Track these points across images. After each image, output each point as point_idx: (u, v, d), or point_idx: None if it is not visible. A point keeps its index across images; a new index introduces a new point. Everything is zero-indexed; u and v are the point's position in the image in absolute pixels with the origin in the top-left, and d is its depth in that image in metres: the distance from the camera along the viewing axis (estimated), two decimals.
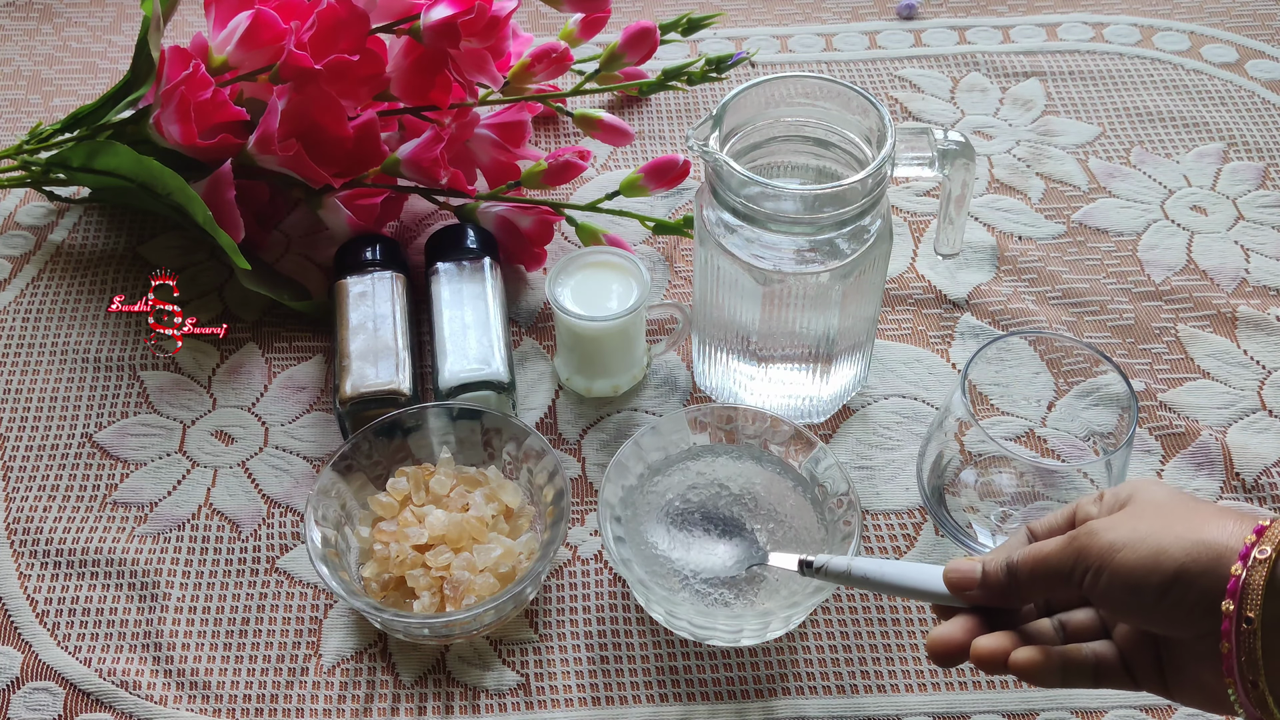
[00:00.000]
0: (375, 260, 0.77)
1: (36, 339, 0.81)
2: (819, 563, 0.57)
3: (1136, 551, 0.45)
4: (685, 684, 0.65)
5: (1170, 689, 0.48)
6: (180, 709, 0.64)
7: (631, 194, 0.81)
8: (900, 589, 0.53)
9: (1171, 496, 0.48)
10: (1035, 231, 0.87)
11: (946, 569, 0.51)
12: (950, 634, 0.50)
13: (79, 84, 0.99)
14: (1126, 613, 0.46)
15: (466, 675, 0.65)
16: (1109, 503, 0.49)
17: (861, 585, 0.55)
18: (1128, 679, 0.49)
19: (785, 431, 0.68)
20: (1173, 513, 0.47)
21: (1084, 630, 0.50)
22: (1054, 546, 0.48)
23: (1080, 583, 0.47)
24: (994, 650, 0.48)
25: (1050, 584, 0.48)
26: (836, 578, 0.56)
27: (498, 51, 0.77)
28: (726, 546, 0.65)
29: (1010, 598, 0.50)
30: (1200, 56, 1.00)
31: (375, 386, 0.71)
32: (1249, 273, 0.84)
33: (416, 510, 0.67)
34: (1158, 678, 0.48)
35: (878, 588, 0.54)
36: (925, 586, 0.52)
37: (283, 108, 0.75)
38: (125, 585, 0.69)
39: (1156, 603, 0.45)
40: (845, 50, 1.01)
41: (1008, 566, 0.49)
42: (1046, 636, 0.50)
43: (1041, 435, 0.74)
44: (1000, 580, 0.49)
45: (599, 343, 0.73)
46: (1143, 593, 0.45)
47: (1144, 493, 0.49)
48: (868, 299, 0.70)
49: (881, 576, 0.54)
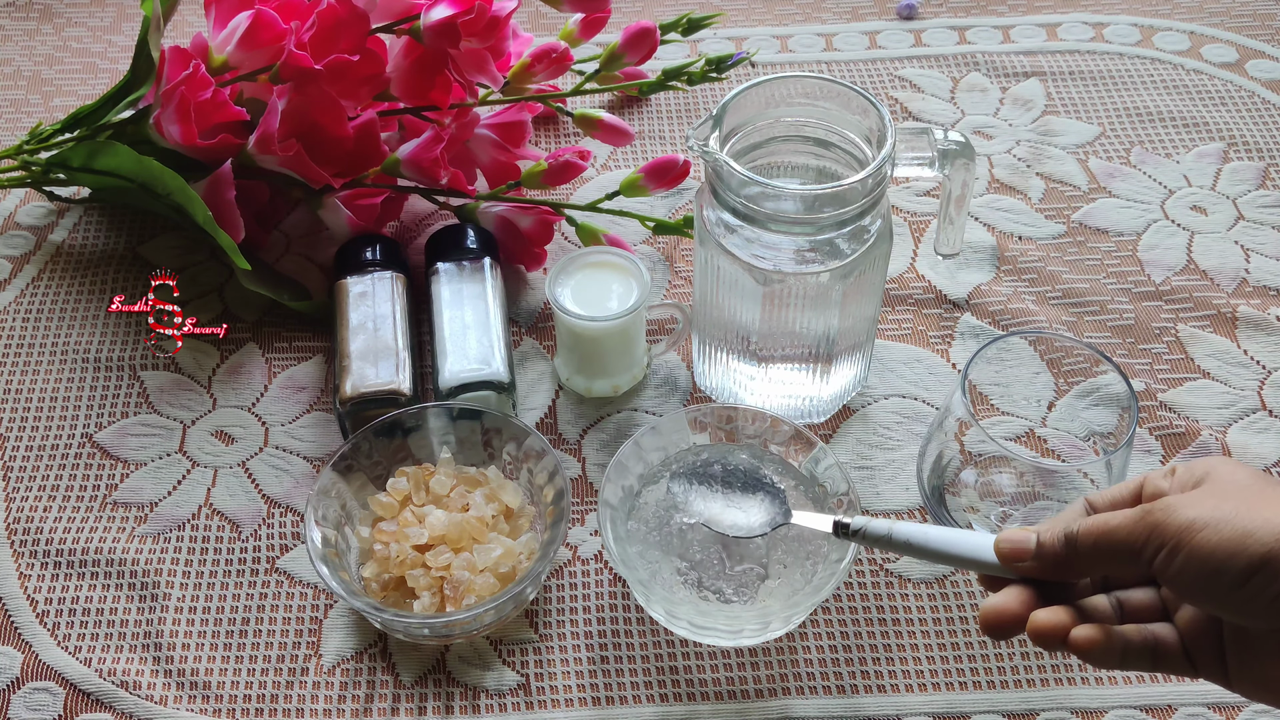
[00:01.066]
0: (375, 260, 0.77)
1: (36, 339, 0.81)
2: (856, 525, 0.54)
3: (1219, 532, 0.42)
4: (685, 684, 0.65)
5: (1232, 680, 0.45)
6: (180, 709, 0.64)
7: (631, 194, 0.81)
8: (945, 556, 0.51)
9: (1254, 476, 0.45)
10: (1035, 231, 0.87)
11: (998, 539, 0.49)
12: (1005, 605, 0.47)
13: (79, 84, 0.99)
14: (1201, 597, 0.44)
15: (466, 675, 0.65)
16: (1183, 478, 0.47)
17: (902, 550, 0.52)
18: (1187, 665, 0.46)
19: (785, 431, 0.68)
20: (1260, 494, 0.44)
21: (1143, 610, 0.47)
22: (1123, 520, 0.45)
23: (1150, 561, 0.44)
24: (1054, 625, 0.46)
25: (1115, 559, 0.45)
26: (875, 542, 0.53)
27: (498, 51, 0.77)
28: (753, 502, 0.64)
29: (1066, 571, 0.47)
30: (1200, 56, 1.00)
31: (375, 386, 0.71)
32: (1249, 273, 0.84)
33: (416, 510, 0.67)
34: (1219, 667, 0.46)
35: (920, 554, 0.51)
36: (973, 555, 0.49)
37: (283, 108, 0.75)
38: (125, 585, 0.69)
39: (1237, 589, 0.42)
40: (845, 50, 1.01)
41: (1066, 538, 0.46)
42: (1104, 614, 0.47)
43: (1041, 435, 0.74)
44: (1057, 552, 0.47)
45: (599, 343, 0.73)
46: (1222, 577, 0.42)
47: (1223, 470, 0.46)
48: (868, 299, 0.70)
49: (925, 542, 0.51)
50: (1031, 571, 0.48)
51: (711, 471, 0.66)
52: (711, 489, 0.65)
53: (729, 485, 0.65)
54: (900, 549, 0.52)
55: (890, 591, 0.68)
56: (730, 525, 0.63)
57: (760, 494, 0.65)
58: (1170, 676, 0.64)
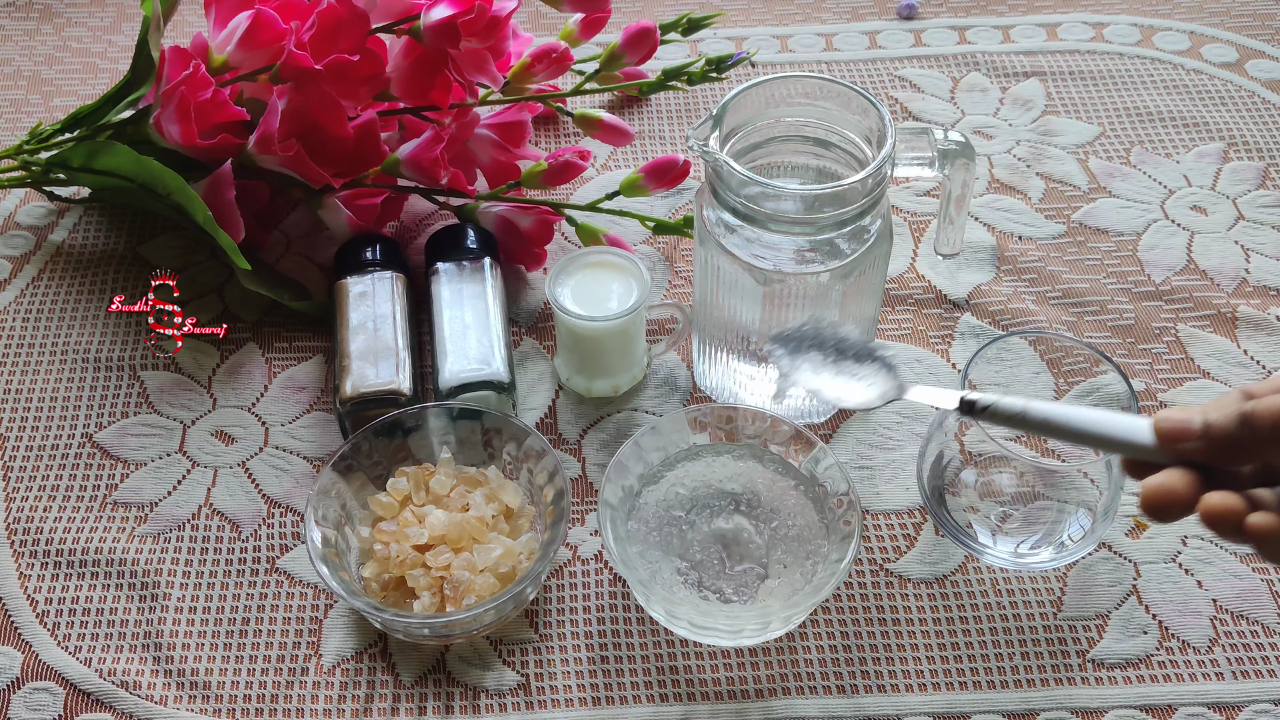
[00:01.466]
0: (375, 260, 0.77)
1: (36, 339, 0.81)
2: (985, 402, 0.50)
3: None
4: (685, 684, 0.65)
5: None
6: (180, 709, 0.64)
7: (631, 194, 0.81)
8: (1085, 436, 0.47)
9: None
10: (1035, 231, 0.87)
11: (1159, 417, 0.45)
12: (1172, 484, 0.43)
13: (79, 84, 0.99)
14: None
15: (466, 675, 0.65)
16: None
17: (1038, 430, 0.49)
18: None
19: (785, 431, 0.69)
20: None
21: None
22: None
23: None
24: (1229, 508, 0.42)
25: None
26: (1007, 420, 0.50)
27: (498, 51, 0.77)
28: (867, 372, 0.59)
29: (1233, 454, 0.43)
30: (1200, 56, 1.00)
31: (375, 386, 0.71)
32: (1249, 273, 0.84)
33: (416, 510, 0.67)
34: None
35: (1059, 434, 0.48)
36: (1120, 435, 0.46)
37: (283, 108, 0.75)
38: (125, 585, 0.69)
39: None
40: (845, 50, 1.01)
41: (1242, 417, 0.43)
42: (1270, 505, 0.43)
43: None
44: (1229, 433, 0.43)
45: (599, 343, 0.73)
46: None
47: None
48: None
49: (1066, 421, 0.47)
50: (1194, 454, 0.44)
51: (822, 339, 0.61)
52: (824, 356, 0.60)
53: (841, 354, 0.60)
54: (1035, 428, 0.49)
55: (890, 591, 0.68)
56: (841, 397, 0.59)
57: (875, 364, 0.60)
58: (1169, 676, 0.65)
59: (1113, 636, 0.66)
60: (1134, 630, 0.66)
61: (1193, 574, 0.69)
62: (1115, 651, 0.66)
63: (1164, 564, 0.69)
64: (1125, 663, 0.65)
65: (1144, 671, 0.65)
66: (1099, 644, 0.66)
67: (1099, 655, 0.65)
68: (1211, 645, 0.66)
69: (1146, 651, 0.66)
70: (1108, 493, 0.65)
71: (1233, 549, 0.70)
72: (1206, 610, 0.67)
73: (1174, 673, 0.65)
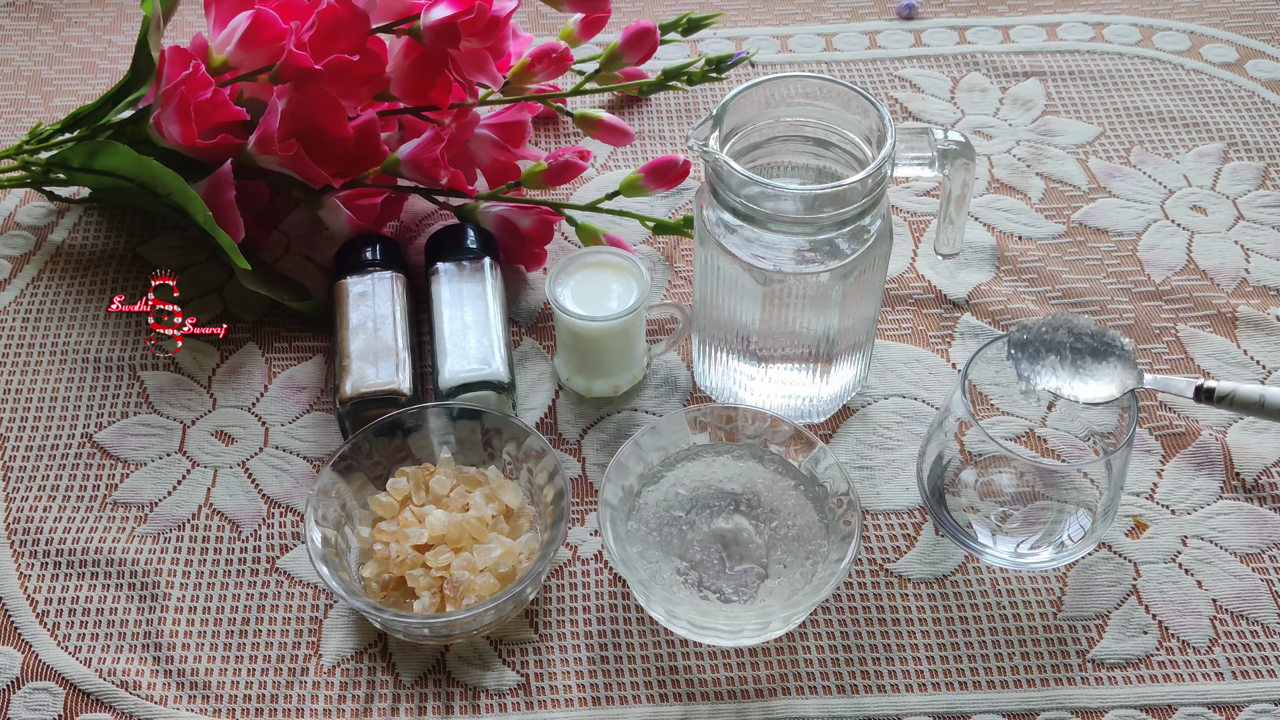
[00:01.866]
0: (375, 260, 0.77)
1: (36, 339, 0.81)
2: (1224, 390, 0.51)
3: None
4: (685, 684, 0.65)
5: None
6: (180, 709, 0.64)
7: (631, 194, 0.81)
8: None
9: None
10: (1035, 231, 0.87)
11: None
12: None
13: (79, 84, 0.99)
14: None
15: (466, 675, 0.65)
16: None
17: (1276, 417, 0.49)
18: None
19: (785, 431, 0.69)
20: None
21: None
22: None
23: None
24: None
25: None
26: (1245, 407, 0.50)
27: (498, 51, 0.77)
28: (1104, 368, 0.61)
29: None
30: (1200, 56, 1.00)
31: (375, 386, 0.71)
32: (1249, 273, 0.84)
33: (416, 510, 0.67)
34: None
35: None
36: None
37: (283, 108, 0.75)
38: (125, 585, 0.69)
39: None
40: (845, 50, 1.01)
41: None
42: None
43: (1041, 435, 0.74)
44: None
45: (599, 343, 0.73)
46: None
47: None
48: (868, 299, 0.70)
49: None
50: None
51: (1059, 339, 0.62)
52: (1062, 358, 0.61)
53: (1078, 351, 0.62)
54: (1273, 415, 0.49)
55: (890, 591, 0.68)
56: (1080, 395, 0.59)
57: (1112, 359, 0.61)
58: (1169, 676, 0.65)
59: (1113, 636, 0.66)
60: (1134, 630, 0.66)
61: (1193, 574, 0.69)
62: (1115, 651, 0.66)
63: (1164, 564, 0.69)
64: (1125, 663, 0.65)
65: (1144, 671, 0.65)
66: (1099, 644, 0.66)
67: (1099, 655, 0.65)
68: (1211, 645, 0.66)
69: (1146, 651, 0.66)
70: (1108, 493, 0.65)
71: (1232, 549, 0.70)
72: (1206, 610, 0.67)
73: (1174, 673, 0.65)
